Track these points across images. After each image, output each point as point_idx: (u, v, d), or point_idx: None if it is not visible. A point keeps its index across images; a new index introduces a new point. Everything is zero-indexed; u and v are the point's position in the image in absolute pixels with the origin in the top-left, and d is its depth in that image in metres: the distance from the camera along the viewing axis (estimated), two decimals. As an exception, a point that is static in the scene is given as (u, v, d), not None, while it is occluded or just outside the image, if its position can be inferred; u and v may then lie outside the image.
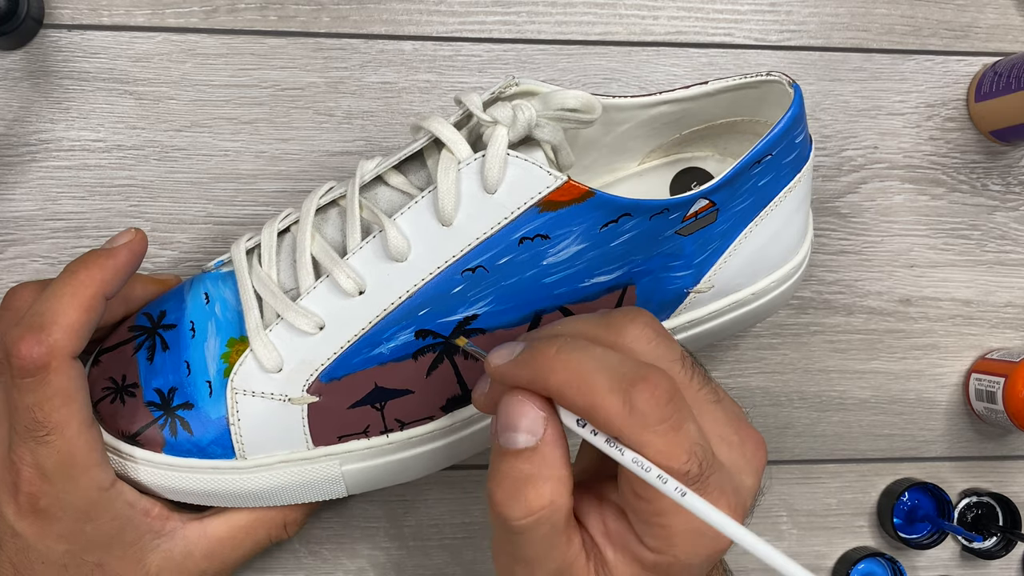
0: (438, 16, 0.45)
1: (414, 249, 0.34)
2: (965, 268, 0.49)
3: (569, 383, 0.27)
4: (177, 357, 0.36)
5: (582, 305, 0.36)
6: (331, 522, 0.45)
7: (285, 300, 0.35)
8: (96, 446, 0.34)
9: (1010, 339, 0.49)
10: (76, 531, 0.34)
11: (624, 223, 0.34)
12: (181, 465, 0.36)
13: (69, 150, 0.43)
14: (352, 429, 0.36)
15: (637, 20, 0.46)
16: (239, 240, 0.37)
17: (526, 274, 0.34)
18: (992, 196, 0.49)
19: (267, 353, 0.35)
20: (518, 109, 0.34)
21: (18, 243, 0.43)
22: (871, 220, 0.48)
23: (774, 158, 0.36)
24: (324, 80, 0.44)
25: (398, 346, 0.35)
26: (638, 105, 0.39)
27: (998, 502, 0.48)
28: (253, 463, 0.36)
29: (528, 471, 0.28)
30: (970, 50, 0.48)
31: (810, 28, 0.48)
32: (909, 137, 0.48)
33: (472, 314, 0.35)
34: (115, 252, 0.35)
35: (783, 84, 0.37)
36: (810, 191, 0.39)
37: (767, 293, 0.40)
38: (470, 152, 0.34)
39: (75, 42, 0.43)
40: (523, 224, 0.34)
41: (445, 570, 0.46)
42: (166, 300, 0.38)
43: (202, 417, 0.35)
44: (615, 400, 0.26)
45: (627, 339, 0.29)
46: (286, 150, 0.44)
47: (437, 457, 0.38)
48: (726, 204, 0.36)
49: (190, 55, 0.44)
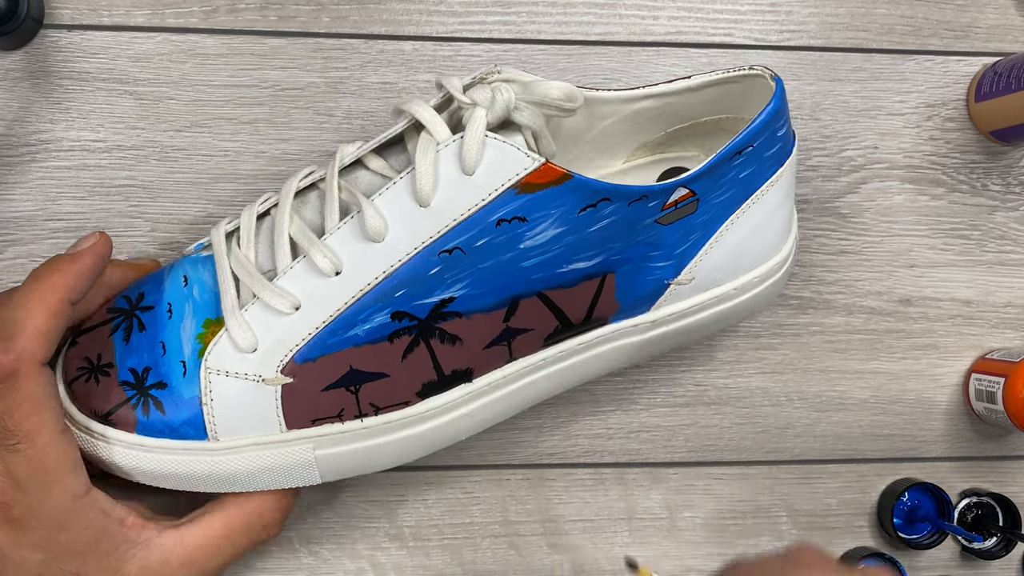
0: (438, 16, 0.45)
1: (391, 230, 0.34)
2: (965, 268, 0.49)
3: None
4: (153, 338, 0.36)
5: (560, 291, 0.36)
6: (331, 522, 0.45)
7: (261, 280, 0.35)
8: (69, 453, 0.34)
9: (1010, 339, 0.49)
10: (51, 540, 0.34)
11: (603, 208, 0.34)
12: (153, 446, 0.35)
13: (69, 150, 0.43)
14: (326, 412, 0.36)
15: (637, 20, 0.46)
16: (219, 223, 0.38)
17: (503, 257, 0.34)
18: (992, 196, 0.49)
19: (242, 333, 0.35)
20: (497, 91, 0.34)
21: (18, 243, 0.43)
22: (871, 220, 0.48)
23: (755, 150, 0.36)
24: (324, 80, 0.44)
25: (374, 328, 0.35)
26: (620, 99, 0.39)
27: (998, 502, 0.48)
28: (225, 445, 0.35)
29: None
30: (970, 50, 0.48)
31: (810, 28, 0.48)
32: (909, 137, 0.48)
33: (449, 297, 0.35)
34: (79, 257, 0.35)
35: (766, 78, 0.37)
36: (793, 186, 0.39)
37: (749, 289, 0.39)
38: (449, 134, 0.34)
39: (75, 42, 0.43)
40: (501, 206, 0.34)
41: (445, 570, 0.46)
42: (145, 283, 0.38)
43: (175, 397, 0.35)
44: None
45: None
46: (286, 150, 0.44)
47: (412, 445, 0.38)
48: (706, 194, 0.36)
49: (190, 55, 0.44)
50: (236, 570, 0.44)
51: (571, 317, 0.37)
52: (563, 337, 0.38)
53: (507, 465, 0.46)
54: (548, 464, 0.46)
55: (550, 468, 0.46)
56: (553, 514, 0.46)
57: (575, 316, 0.37)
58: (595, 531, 0.46)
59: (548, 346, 0.38)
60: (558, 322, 0.37)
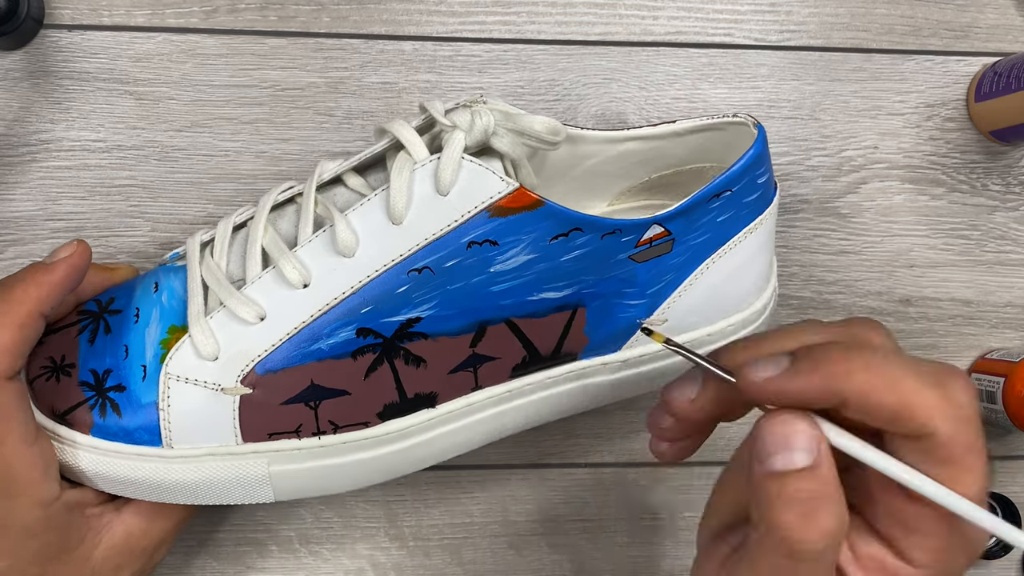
0: (438, 16, 0.45)
1: (362, 245, 0.34)
2: (965, 268, 0.49)
3: (875, 384, 0.26)
4: (117, 341, 0.36)
5: (529, 320, 0.36)
6: (331, 522, 0.45)
7: (229, 288, 0.35)
8: (38, 463, 0.33)
9: (1010, 339, 0.49)
10: (19, 547, 0.34)
11: (575, 238, 0.34)
12: (106, 449, 0.35)
13: (69, 150, 0.43)
14: (284, 427, 0.35)
15: (637, 20, 0.46)
16: (195, 233, 0.38)
17: (472, 280, 0.34)
18: (992, 196, 0.49)
19: (204, 339, 0.34)
20: (476, 115, 0.34)
21: (18, 243, 0.43)
22: (871, 220, 0.48)
23: (734, 195, 0.36)
24: (324, 80, 0.44)
25: (338, 343, 0.35)
26: (605, 139, 0.39)
27: (998, 502, 0.48)
28: (179, 453, 0.35)
29: (815, 490, 0.26)
30: (970, 50, 0.48)
31: (810, 28, 0.48)
32: (909, 137, 0.48)
33: (416, 316, 0.35)
34: (53, 268, 0.34)
35: (748, 126, 0.37)
36: (773, 236, 0.39)
37: (724, 337, 0.39)
38: (427, 153, 0.34)
39: (75, 42, 0.43)
40: (473, 228, 0.34)
41: (445, 570, 0.46)
42: (118, 289, 0.38)
43: (133, 401, 0.35)
44: (931, 394, 0.25)
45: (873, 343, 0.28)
46: (286, 150, 0.44)
47: (369, 469, 0.37)
48: (682, 235, 0.36)
49: (190, 55, 0.44)
50: (236, 570, 0.44)
51: (540, 348, 0.37)
52: (531, 369, 0.37)
53: (507, 465, 0.46)
54: (548, 464, 0.46)
55: (550, 468, 0.46)
56: (553, 514, 0.46)
57: (544, 348, 0.37)
58: (595, 531, 0.46)
59: (515, 377, 0.37)
60: (526, 352, 0.37)
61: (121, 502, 0.37)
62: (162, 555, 0.38)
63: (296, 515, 0.45)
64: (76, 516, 0.35)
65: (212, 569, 0.44)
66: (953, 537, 0.27)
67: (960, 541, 0.27)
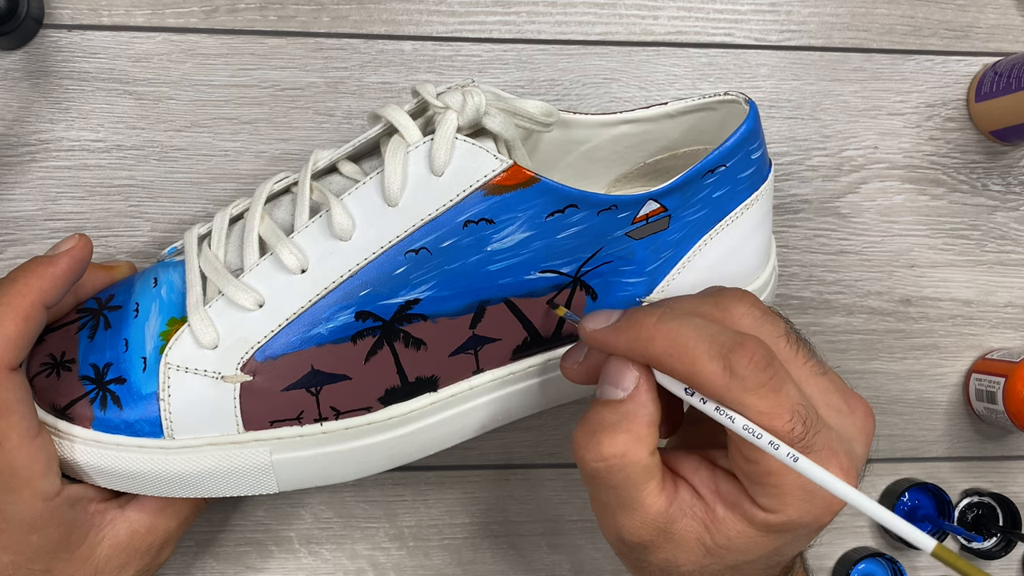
0: (438, 16, 0.45)
1: (358, 228, 0.34)
2: (965, 268, 0.49)
3: (669, 350, 0.29)
4: (117, 335, 0.36)
5: (528, 300, 0.36)
6: (331, 522, 0.45)
7: (227, 276, 0.35)
8: (40, 457, 0.33)
9: (1010, 339, 0.49)
10: (21, 542, 0.34)
11: (571, 214, 0.34)
12: (108, 442, 0.35)
13: (69, 150, 0.43)
14: (285, 414, 0.35)
15: (637, 20, 0.46)
16: (193, 227, 0.38)
17: (470, 259, 0.34)
18: (992, 196, 0.49)
19: (204, 328, 0.34)
20: (468, 95, 0.34)
21: (18, 243, 0.43)
22: (871, 220, 0.48)
23: (728, 170, 0.36)
24: (324, 80, 0.44)
25: (337, 327, 0.34)
26: (599, 123, 0.39)
27: (998, 502, 0.48)
28: (181, 444, 0.35)
29: (609, 420, 0.30)
30: (970, 50, 0.48)
31: (810, 28, 0.48)
32: (909, 137, 0.48)
33: (414, 298, 0.35)
34: (56, 260, 0.34)
35: (740, 103, 0.37)
36: (770, 214, 0.39)
37: None
38: (420, 136, 0.34)
39: (75, 42, 0.43)
40: (468, 207, 0.34)
41: (445, 570, 0.46)
42: (117, 286, 0.38)
43: (133, 392, 0.35)
44: (714, 366, 0.28)
45: (733, 316, 0.31)
46: (286, 150, 0.44)
47: (372, 455, 0.37)
48: (678, 211, 0.36)
49: (190, 55, 0.44)
50: (236, 570, 0.44)
51: (540, 329, 0.37)
52: (532, 351, 0.37)
53: (507, 465, 0.46)
54: (548, 464, 0.46)
55: (550, 468, 0.46)
56: (553, 514, 0.46)
57: (544, 329, 0.37)
58: (595, 531, 0.46)
59: (517, 359, 0.37)
60: (527, 333, 0.36)
61: (125, 499, 0.37)
62: (167, 555, 0.38)
63: (296, 515, 0.45)
64: (79, 512, 0.35)
65: (212, 569, 0.44)
66: (792, 488, 0.29)
67: (803, 494, 0.29)
